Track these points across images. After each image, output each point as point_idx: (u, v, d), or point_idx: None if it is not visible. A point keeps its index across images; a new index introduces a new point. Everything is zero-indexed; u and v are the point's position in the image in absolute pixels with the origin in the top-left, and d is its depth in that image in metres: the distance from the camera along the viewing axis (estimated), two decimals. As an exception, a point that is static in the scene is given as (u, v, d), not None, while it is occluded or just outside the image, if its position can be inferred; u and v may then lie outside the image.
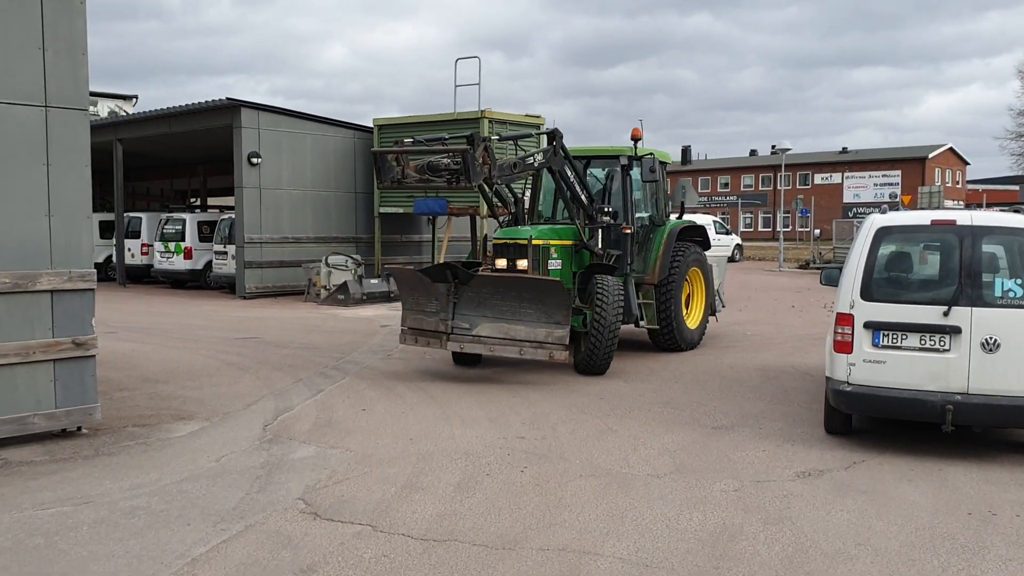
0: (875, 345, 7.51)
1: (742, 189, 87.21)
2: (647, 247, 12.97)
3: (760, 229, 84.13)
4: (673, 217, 13.84)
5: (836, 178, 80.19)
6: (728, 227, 43.89)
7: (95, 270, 8.00)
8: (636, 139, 12.38)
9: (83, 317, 7.86)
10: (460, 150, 10.15)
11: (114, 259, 27.44)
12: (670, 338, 13.08)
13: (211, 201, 37.26)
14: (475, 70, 33.95)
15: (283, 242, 22.46)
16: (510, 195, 12.27)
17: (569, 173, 11.51)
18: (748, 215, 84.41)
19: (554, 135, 11.42)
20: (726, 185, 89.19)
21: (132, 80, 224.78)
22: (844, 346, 7.63)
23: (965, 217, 7.47)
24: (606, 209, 11.93)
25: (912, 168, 75.24)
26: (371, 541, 5.51)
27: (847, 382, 7.60)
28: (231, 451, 7.58)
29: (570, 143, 12.00)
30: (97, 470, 6.97)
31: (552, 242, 11.59)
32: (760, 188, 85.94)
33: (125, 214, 27.42)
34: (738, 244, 41.55)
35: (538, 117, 22.63)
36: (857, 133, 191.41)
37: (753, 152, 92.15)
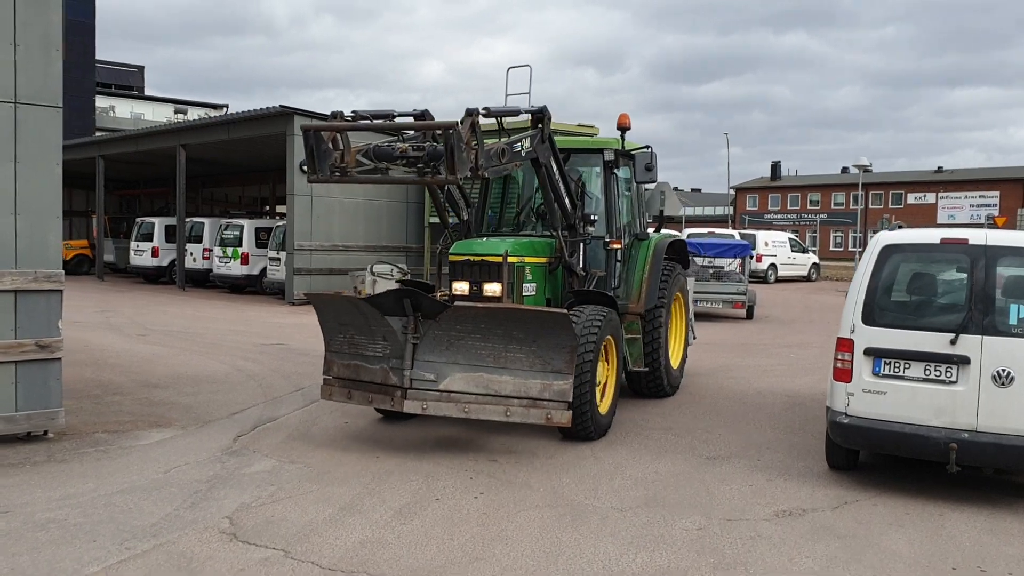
0: (876, 374, 6.78)
1: (832, 207, 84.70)
2: (628, 267, 10.21)
3: (850, 248, 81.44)
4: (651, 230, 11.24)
5: (930, 198, 77.12)
6: (804, 245, 42.36)
7: (63, 271, 7.84)
8: (624, 128, 9.88)
9: (49, 319, 7.70)
10: (444, 126, 7.07)
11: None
12: (656, 381, 10.27)
13: (279, 208, 37.74)
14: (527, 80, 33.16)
15: (332, 250, 22.42)
16: (461, 197, 9.49)
17: (554, 168, 8.68)
18: (838, 234, 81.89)
19: (542, 115, 8.44)
20: (816, 202, 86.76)
21: (237, 92, 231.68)
22: (843, 374, 6.92)
23: (979, 236, 6.68)
24: (592, 217, 9.34)
25: (1012, 189, 71.76)
26: (275, 568, 5.11)
27: (845, 413, 6.88)
28: (185, 462, 7.29)
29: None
30: (38, 477, 6.76)
31: (528, 259, 8.86)
32: (851, 206, 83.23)
33: (189, 219, 27.89)
34: (815, 263, 40.05)
35: (591, 127, 22.11)
36: (960, 153, 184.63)
37: (845, 170, 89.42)
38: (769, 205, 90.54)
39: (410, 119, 8.42)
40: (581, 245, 9.22)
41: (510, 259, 8.51)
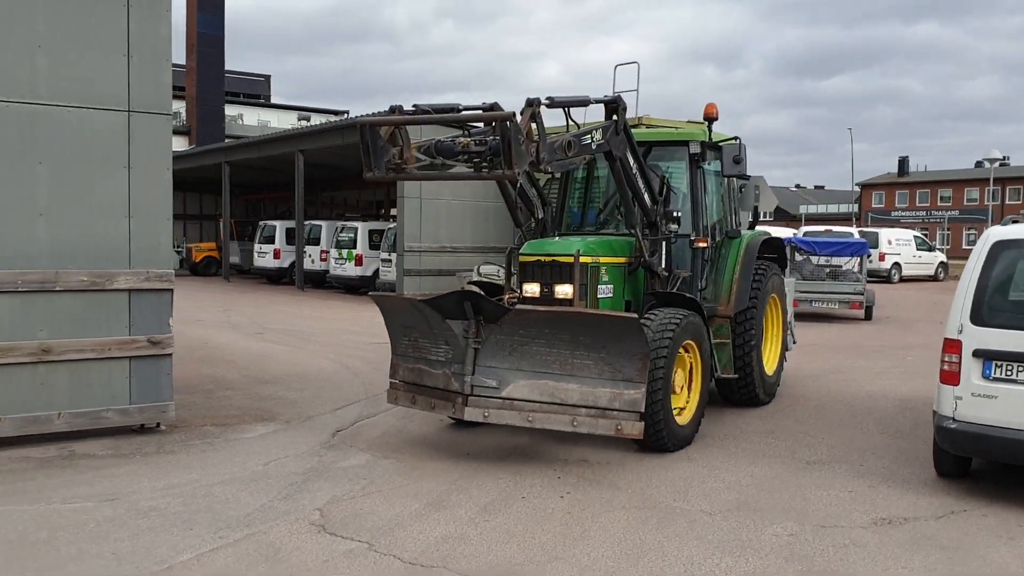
0: (985, 377, 6.41)
1: (965, 203, 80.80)
2: (718, 267, 9.57)
3: (985, 246, 77.27)
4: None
5: (1076, 193, 72.54)
6: (932, 243, 40.50)
7: (173, 271, 8.21)
8: (711, 119, 9.19)
9: (160, 316, 8.08)
10: (500, 118, 6.52)
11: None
12: (748, 390, 9.60)
13: (392, 211, 38.56)
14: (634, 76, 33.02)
15: (441, 251, 22.75)
16: (536, 195, 8.91)
17: (631, 162, 8.07)
18: (971, 231, 78.01)
19: (616, 105, 7.86)
20: (947, 199, 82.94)
21: (360, 99, 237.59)
22: (950, 376, 6.57)
23: (1101, 229, 6.24)
24: (675, 214, 8.69)
25: None
26: (357, 560, 5.21)
27: (952, 418, 6.54)
28: (285, 455, 7.52)
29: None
30: (146, 467, 7.09)
31: (603, 260, 8.31)
32: (984, 203, 79.09)
33: (308, 222, 28.79)
34: (942, 262, 38.22)
35: (702, 124, 21.69)
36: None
37: (979, 164, 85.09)
38: (896, 202, 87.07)
39: (469, 112, 7.42)
40: (664, 244, 8.66)
41: (583, 259, 7.98)
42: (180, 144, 51.01)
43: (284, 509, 6.11)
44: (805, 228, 29.52)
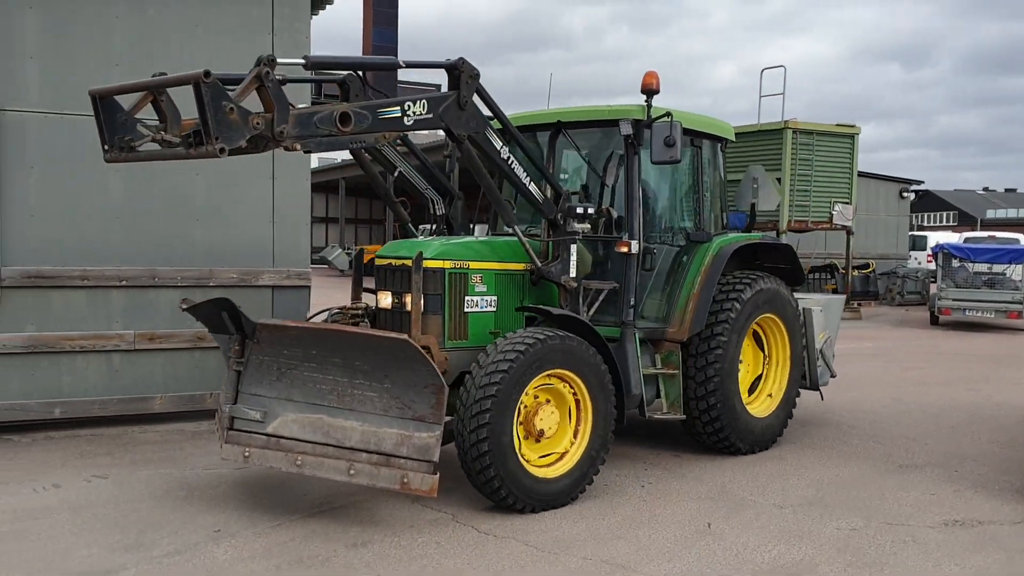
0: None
1: None
2: (675, 278, 7.77)
3: None
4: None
5: None
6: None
7: (310, 269, 9.19)
8: (649, 91, 7.19)
9: (299, 309, 9.06)
10: (187, 80, 4.84)
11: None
12: (715, 432, 7.71)
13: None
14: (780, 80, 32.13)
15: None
16: (420, 180, 7.63)
17: (496, 145, 6.35)
18: None
19: (458, 72, 6.08)
20: None
21: (534, 105, 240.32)
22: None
23: None
24: (579, 210, 6.89)
25: None
26: (439, 528, 5.81)
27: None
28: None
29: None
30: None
31: (476, 265, 6.72)
32: None
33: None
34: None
35: (852, 127, 21.27)
36: None
37: None
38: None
39: (169, 77, 5.17)
40: (572, 248, 6.94)
41: (431, 263, 6.45)
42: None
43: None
44: (967, 234, 28.17)
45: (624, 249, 7.27)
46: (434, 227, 7.80)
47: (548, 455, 6.40)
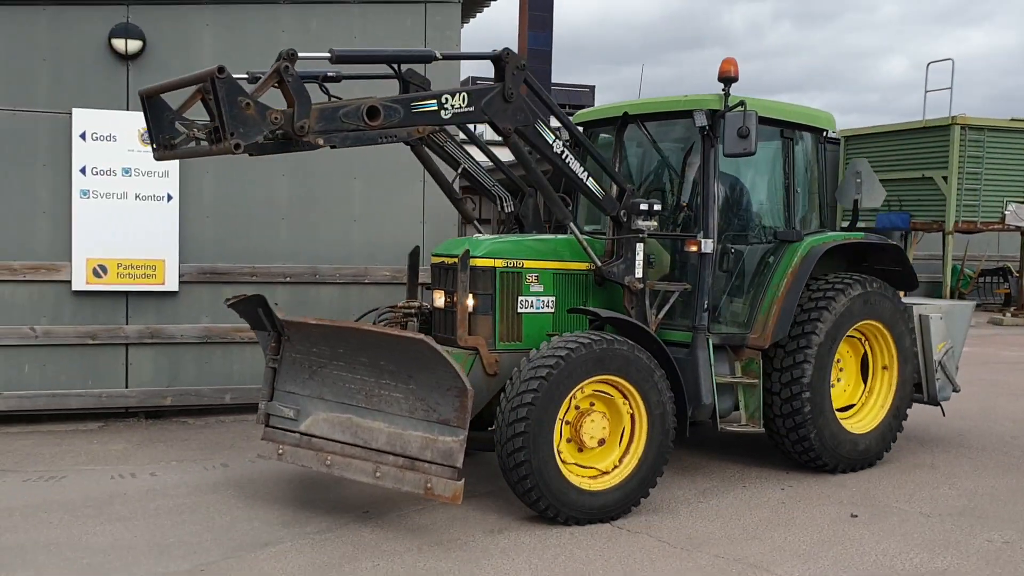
0: None
1: None
2: (760, 280, 7.24)
3: None
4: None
5: None
6: None
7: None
8: (728, 79, 6.66)
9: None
10: (203, 77, 4.88)
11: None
12: (802, 446, 7.07)
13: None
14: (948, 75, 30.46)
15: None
16: (486, 177, 7.33)
17: (548, 139, 6.14)
18: None
19: (502, 63, 5.87)
20: None
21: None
22: None
23: None
24: (643, 206, 6.50)
25: None
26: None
27: None
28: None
29: None
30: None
31: (531, 264, 6.50)
32: None
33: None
34: None
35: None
36: None
37: None
38: None
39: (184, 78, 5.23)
40: (638, 247, 6.57)
41: (479, 261, 6.30)
42: (506, 153, 54.87)
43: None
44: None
45: (694, 248, 6.82)
46: (502, 227, 7.50)
47: (595, 466, 6.07)
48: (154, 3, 8.64)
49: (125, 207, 8.46)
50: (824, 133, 7.78)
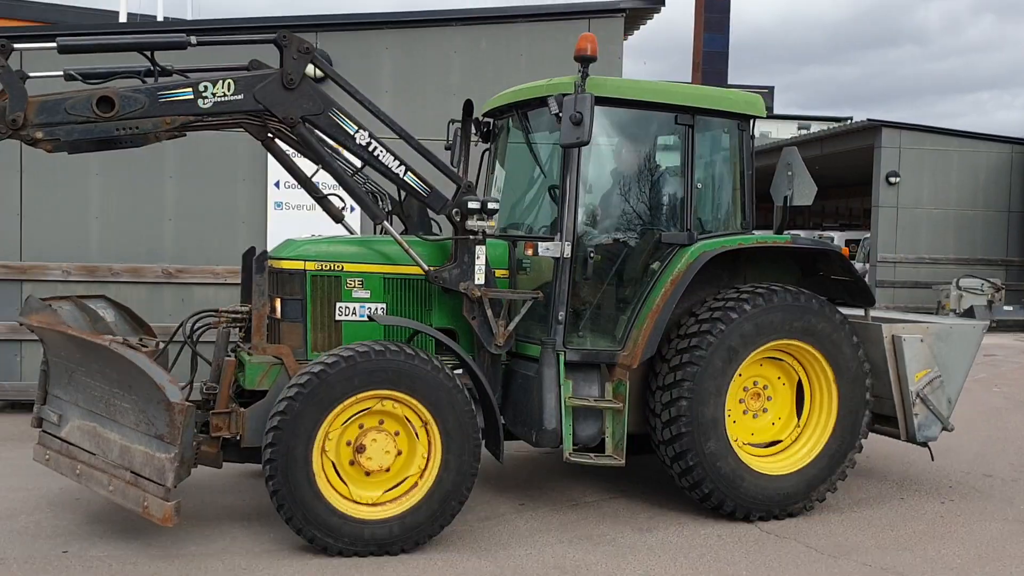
0: None
1: None
2: (642, 291, 6.25)
3: None
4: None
5: None
6: None
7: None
8: (584, 58, 5.68)
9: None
10: None
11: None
12: (690, 480, 6.04)
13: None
14: None
15: (918, 262, 21.91)
16: (340, 164, 5.91)
17: (349, 127, 5.56)
18: None
19: (279, 45, 5.39)
20: None
21: (875, 104, 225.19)
22: None
23: None
24: (473, 204, 5.73)
25: None
26: (721, 523, 6.16)
27: None
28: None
29: None
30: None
31: (349, 266, 5.83)
32: None
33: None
34: None
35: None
36: None
37: None
38: None
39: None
40: (478, 250, 5.81)
41: (287, 263, 5.73)
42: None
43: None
44: None
45: (529, 251, 6.10)
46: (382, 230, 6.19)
47: (388, 490, 5.42)
48: (340, 28, 9.41)
49: None
50: (748, 119, 6.54)
